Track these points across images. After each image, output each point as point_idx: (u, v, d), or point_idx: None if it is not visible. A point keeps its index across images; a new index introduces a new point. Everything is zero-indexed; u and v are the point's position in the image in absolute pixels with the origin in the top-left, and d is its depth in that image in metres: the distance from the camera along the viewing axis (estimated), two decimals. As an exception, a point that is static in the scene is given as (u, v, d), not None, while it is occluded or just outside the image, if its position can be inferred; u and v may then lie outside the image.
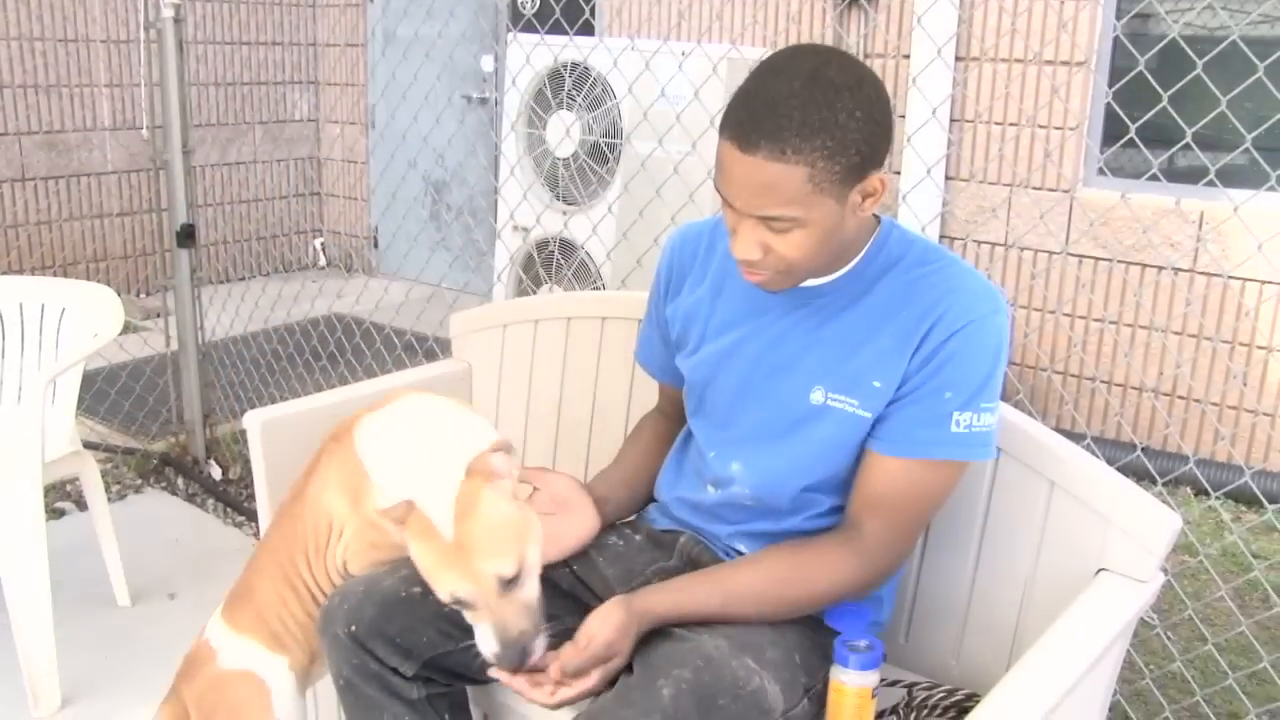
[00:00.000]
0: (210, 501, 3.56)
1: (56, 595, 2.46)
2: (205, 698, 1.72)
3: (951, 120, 4.20)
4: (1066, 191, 4.02)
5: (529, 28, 4.21)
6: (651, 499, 1.79)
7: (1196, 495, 3.64)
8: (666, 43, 3.57)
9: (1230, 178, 3.49)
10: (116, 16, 5.61)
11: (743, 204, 1.36)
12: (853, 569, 1.47)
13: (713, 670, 1.38)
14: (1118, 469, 1.60)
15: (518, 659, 1.43)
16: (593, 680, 1.41)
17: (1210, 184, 2.69)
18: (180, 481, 3.69)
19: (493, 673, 1.47)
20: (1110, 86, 3.82)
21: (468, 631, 1.52)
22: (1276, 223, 2.75)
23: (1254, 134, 2.25)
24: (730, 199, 1.38)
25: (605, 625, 1.42)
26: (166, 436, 3.89)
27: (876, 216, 1.52)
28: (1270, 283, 3.64)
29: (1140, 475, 2.22)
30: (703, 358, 1.62)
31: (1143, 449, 3.04)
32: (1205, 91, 2.33)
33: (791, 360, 1.52)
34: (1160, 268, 3.86)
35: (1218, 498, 3.51)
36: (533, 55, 3.97)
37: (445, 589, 1.45)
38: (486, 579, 1.43)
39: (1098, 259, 3.98)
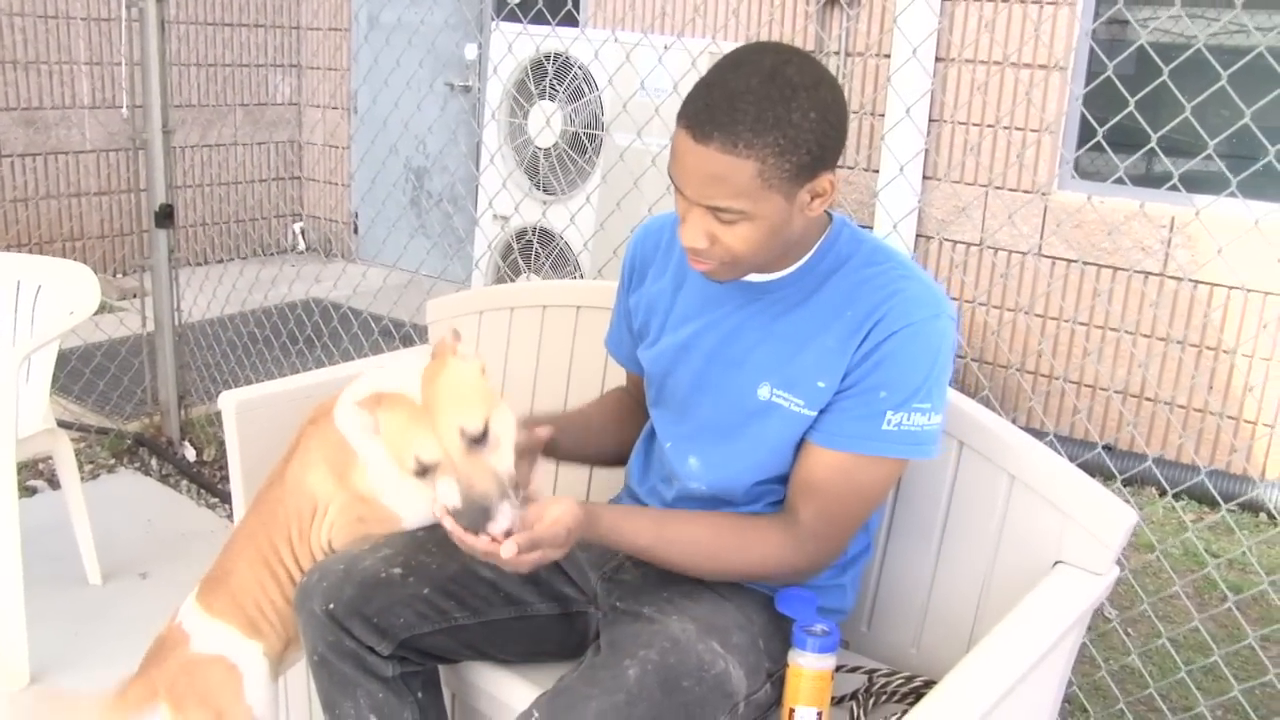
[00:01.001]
0: (184, 483, 3.57)
1: (27, 572, 2.47)
2: (177, 681, 1.71)
3: (930, 120, 4.24)
4: (1041, 194, 4.07)
5: (513, 17, 4.23)
6: (601, 457, 1.82)
7: (1161, 495, 3.71)
8: (648, 35, 3.59)
9: (1202, 184, 3.54)
10: (98, -6, 5.60)
11: (692, 192, 1.38)
12: (785, 550, 1.50)
13: (678, 652, 1.41)
14: (1080, 466, 1.64)
15: (477, 519, 1.38)
16: (525, 560, 1.39)
17: (1173, 189, 2.73)
18: (154, 462, 3.69)
19: (448, 526, 1.42)
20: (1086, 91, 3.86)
21: (445, 614, 1.55)
22: (1241, 228, 2.79)
23: (1215, 141, 2.29)
24: (681, 186, 1.40)
25: (565, 511, 1.42)
26: (141, 417, 3.89)
27: (829, 214, 1.55)
28: (1235, 288, 3.70)
29: (1104, 474, 2.26)
30: (661, 349, 1.64)
31: (1106, 447, 3.09)
32: (1178, 98, 2.37)
33: (743, 355, 1.55)
34: (1130, 271, 3.91)
35: (1175, 496, 3.57)
36: (515, 44, 3.99)
37: (410, 453, 1.43)
38: (451, 434, 1.42)
39: (1069, 260, 4.04)
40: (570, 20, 3.51)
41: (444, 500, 1.42)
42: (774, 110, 1.32)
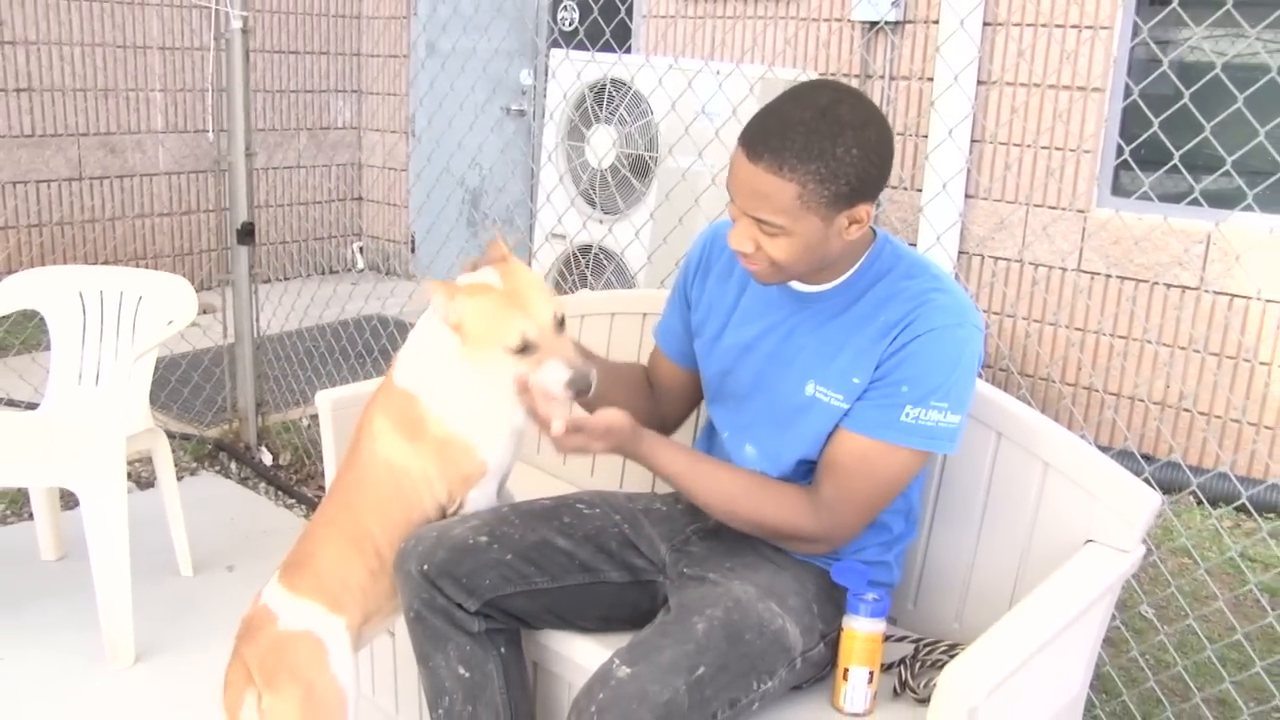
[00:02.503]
0: (262, 485, 3.78)
1: (128, 566, 2.67)
2: (267, 658, 1.83)
3: (971, 140, 4.40)
4: (1080, 210, 4.21)
5: (564, 44, 4.43)
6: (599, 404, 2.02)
7: (1198, 504, 3.82)
8: (708, 63, 3.79)
9: (1234, 199, 3.66)
10: (171, 25, 5.89)
11: (741, 203, 1.59)
12: (800, 516, 1.68)
13: (741, 610, 1.60)
14: None
15: (585, 384, 1.65)
16: (569, 442, 1.63)
17: (1195, 203, 2.86)
18: (233, 466, 3.91)
19: (524, 402, 1.67)
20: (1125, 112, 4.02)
21: (525, 578, 1.74)
22: (1262, 241, 2.90)
23: (1234, 157, 2.43)
24: (733, 195, 1.61)
25: (612, 415, 1.65)
26: (220, 424, 4.11)
27: (874, 230, 1.73)
28: (1270, 300, 3.82)
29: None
30: (725, 348, 1.83)
31: (1145, 458, 3.22)
32: (1213, 116, 2.50)
33: (793, 356, 1.74)
34: (1168, 285, 4.04)
35: (1213, 504, 3.68)
36: (578, 71, 4.19)
37: (515, 331, 1.66)
38: (545, 316, 1.67)
39: (1107, 275, 4.17)
40: (622, 48, 3.71)
41: (551, 380, 1.64)
42: (820, 143, 1.52)
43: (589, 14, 5.25)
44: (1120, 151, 4.09)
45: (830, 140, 1.52)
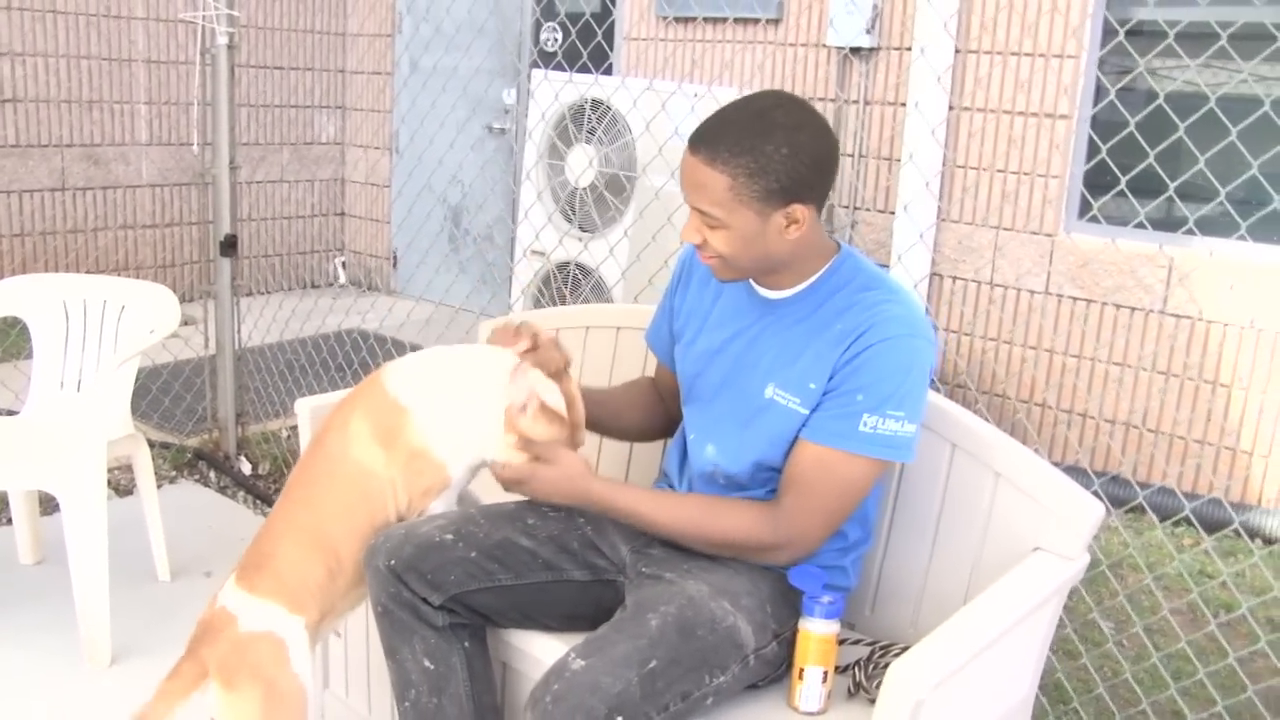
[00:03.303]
0: (240, 494, 3.83)
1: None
2: (227, 659, 1.84)
3: (942, 165, 4.50)
4: (1046, 235, 4.31)
5: (543, 64, 4.51)
6: (623, 433, 2.16)
7: (1163, 520, 3.90)
8: (682, 86, 3.87)
9: (1206, 226, 3.77)
10: (157, 39, 5.95)
11: (685, 194, 1.72)
12: (761, 529, 1.75)
13: (694, 607, 1.68)
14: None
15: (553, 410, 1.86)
16: (526, 482, 1.80)
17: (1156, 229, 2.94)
18: (212, 475, 3.96)
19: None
20: (1098, 139, 4.12)
21: (489, 574, 1.82)
22: (1211, 266, 2.99)
23: (1176, 183, 2.52)
24: (682, 189, 1.74)
25: (574, 460, 1.80)
26: (201, 433, 4.16)
27: (838, 244, 1.82)
28: (1226, 324, 3.92)
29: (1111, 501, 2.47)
30: (697, 351, 1.93)
31: (1111, 477, 3.30)
32: (1183, 144, 2.59)
33: (757, 360, 1.83)
34: (1133, 308, 4.14)
35: (1175, 523, 3.77)
36: (557, 91, 4.27)
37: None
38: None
39: (1075, 299, 4.27)
40: (605, 71, 3.79)
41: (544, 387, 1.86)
42: (751, 139, 1.65)
43: (571, 35, 5.35)
44: (1090, 178, 4.20)
45: (761, 138, 1.65)
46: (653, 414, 2.11)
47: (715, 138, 1.67)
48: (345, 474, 1.92)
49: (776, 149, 1.64)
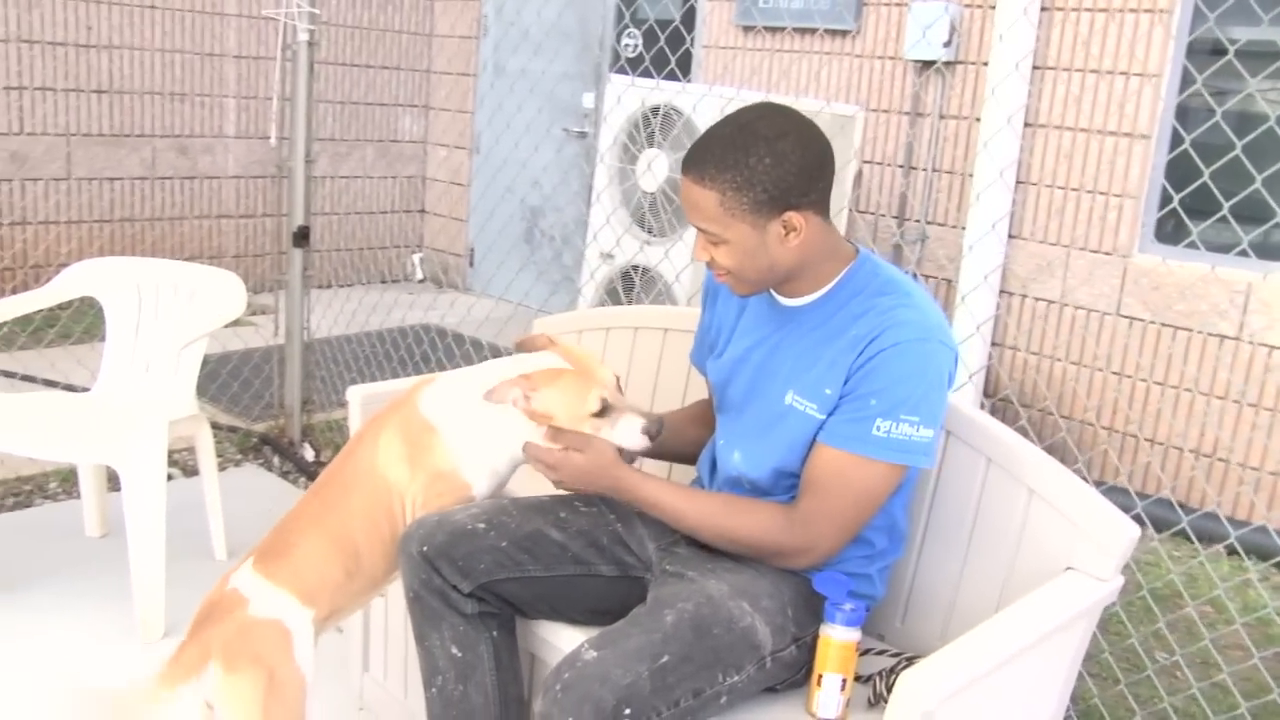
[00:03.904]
0: (302, 479, 3.91)
1: (165, 546, 2.79)
2: (232, 641, 1.85)
3: (1016, 182, 4.44)
4: (1121, 255, 4.23)
5: (628, 70, 4.54)
6: (681, 455, 2.14)
7: (1230, 554, 3.79)
8: (765, 95, 3.87)
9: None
10: (247, 35, 6.11)
11: (686, 215, 1.74)
12: (778, 531, 1.75)
13: (711, 605, 1.68)
14: (1149, 517, 1.82)
15: (657, 427, 1.87)
16: (557, 468, 1.82)
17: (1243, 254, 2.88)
18: (276, 460, 4.05)
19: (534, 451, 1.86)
20: (1196, 159, 4.03)
21: (519, 564, 1.84)
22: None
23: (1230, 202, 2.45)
24: (684, 210, 1.76)
25: (605, 448, 1.83)
26: (267, 419, 4.26)
27: (856, 248, 1.81)
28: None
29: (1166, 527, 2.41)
30: (724, 361, 1.94)
31: (1183, 507, 3.23)
32: (1261, 167, 2.52)
33: (778, 367, 1.83)
34: (1206, 333, 4.04)
35: (1244, 554, 3.66)
36: (633, 96, 4.30)
37: (595, 398, 1.84)
38: (610, 380, 1.89)
39: (1147, 321, 4.18)
40: (681, 76, 3.81)
41: (628, 435, 1.86)
42: (734, 154, 1.66)
43: (653, 41, 5.37)
44: (1166, 199, 4.11)
45: (743, 151, 1.66)
46: (705, 433, 2.09)
47: (702, 156, 1.69)
48: (372, 486, 1.97)
49: (759, 160, 1.66)
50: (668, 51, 4.12)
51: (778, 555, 1.78)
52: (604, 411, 1.85)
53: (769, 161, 1.66)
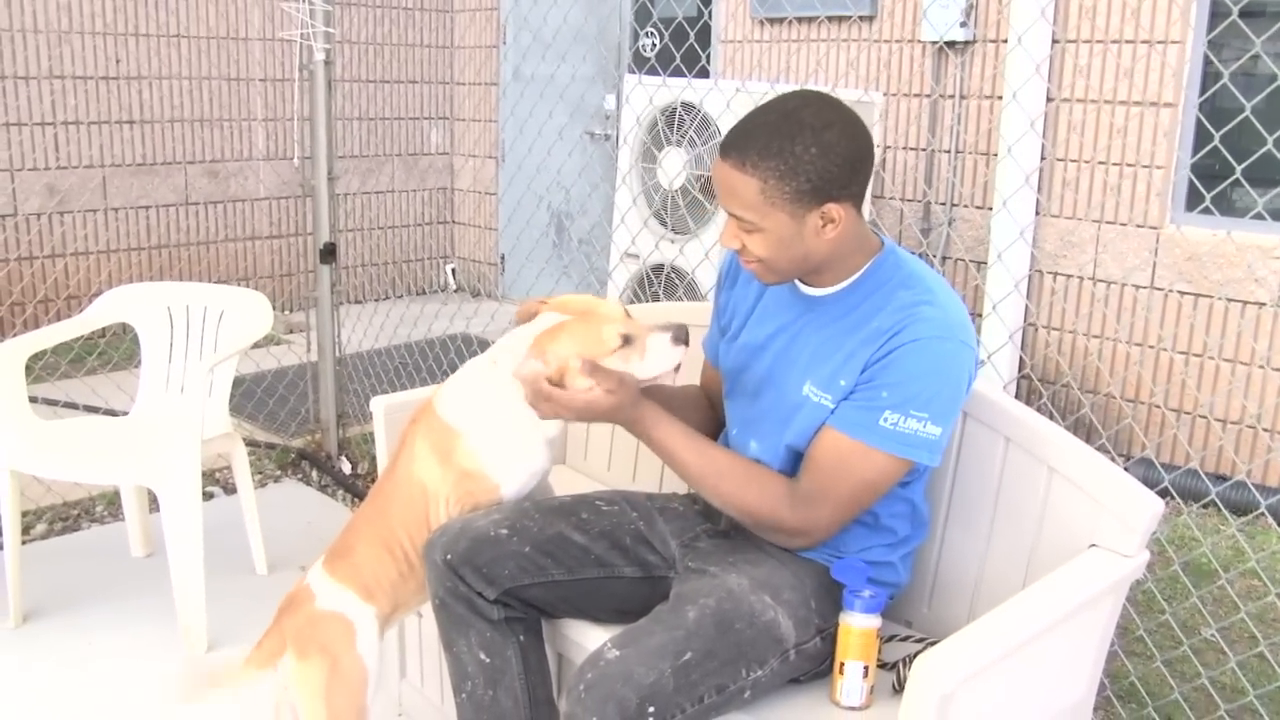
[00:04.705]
0: (340, 492, 3.96)
1: (206, 562, 2.85)
2: (302, 631, 2.00)
3: (1040, 158, 4.39)
4: (1154, 228, 4.18)
5: (649, 70, 4.55)
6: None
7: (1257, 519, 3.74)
8: (774, 85, 3.87)
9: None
10: (270, 57, 6.18)
11: (721, 200, 1.70)
12: (778, 503, 1.74)
13: (733, 600, 1.68)
14: (1177, 489, 1.79)
15: (684, 333, 1.81)
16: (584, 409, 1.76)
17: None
18: (314, 474, 4.10)
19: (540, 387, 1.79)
20: (1211, 127, 3.98)
21: (542, 569, 1.85)
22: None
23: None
24: (717, 195, 1.72)
25: (633, 384, 1.77)
26: (304, 434, 4.31)
27: (881, 240, 1.80)
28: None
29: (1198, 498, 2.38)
30: (741, 345, 1.92)
31: (1220, 478, 3.18)
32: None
33: (797, 356, 1.82)
34: (1245, 302, 3.98)
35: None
36: (650, 95, 4.31)
37: (611, 333, 1.79)
38: (618, 313, 1.85)
39: (1183, 293, 4.12)
40: (702, 72, 3.82)
41: (662, 355, 1.81)
42: (780, 141, 1.62)
43: (672, 40, 5.38)
44: (1197, 168, 4.05)
45: (789, 139, 1.62)
46: (704, 416, 2.09)
47: (744, 142, 1.65)
48: (411, 491, 2.02)
49: (805, 149, 1.62)
50: (696, 48, 4.13)
51: (775, 530, 1.77)
52: (626, 341, 1.80)
53: (815, 151, 1.63)
